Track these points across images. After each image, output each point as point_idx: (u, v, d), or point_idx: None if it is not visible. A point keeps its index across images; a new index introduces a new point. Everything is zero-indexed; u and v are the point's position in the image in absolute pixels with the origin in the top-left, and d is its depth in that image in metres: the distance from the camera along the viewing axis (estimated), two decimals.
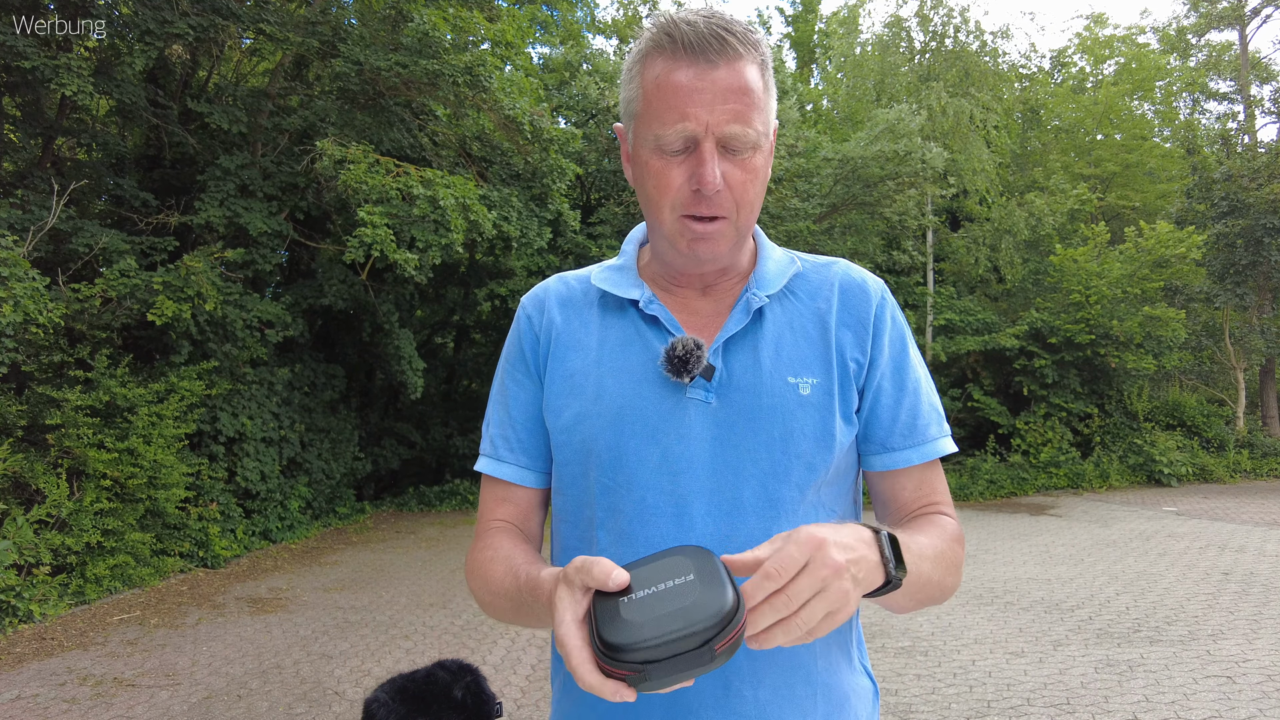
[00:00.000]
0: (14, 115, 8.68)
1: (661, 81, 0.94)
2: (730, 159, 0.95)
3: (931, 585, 0.93)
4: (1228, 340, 15.45)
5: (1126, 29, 22.51)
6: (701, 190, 0.94)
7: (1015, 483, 13.37)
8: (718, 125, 0.92)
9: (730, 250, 1.02)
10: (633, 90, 0.99)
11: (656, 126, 0.95)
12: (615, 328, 1.07)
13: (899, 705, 4.23)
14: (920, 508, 1.07)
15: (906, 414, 1.05)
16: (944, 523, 1.02)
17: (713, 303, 1.07)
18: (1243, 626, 5.35)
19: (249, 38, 10.04)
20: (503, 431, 1.11)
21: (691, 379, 0.98)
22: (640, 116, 0.98)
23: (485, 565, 1.04)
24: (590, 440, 1.02)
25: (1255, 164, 14.96)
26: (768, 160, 1.00)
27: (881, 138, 13.50)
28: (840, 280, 1.09)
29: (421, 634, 5.85)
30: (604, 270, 1.13)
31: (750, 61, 0.94)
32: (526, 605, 0.94)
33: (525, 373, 1.11)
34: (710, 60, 0.92)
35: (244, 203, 9.05)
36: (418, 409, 14.29)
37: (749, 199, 0.98)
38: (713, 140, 0.93)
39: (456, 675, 1.45)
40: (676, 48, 0.93)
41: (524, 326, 1.13)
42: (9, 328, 6.23)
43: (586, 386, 1.04)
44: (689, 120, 0.92)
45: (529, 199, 10.83)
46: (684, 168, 0.95)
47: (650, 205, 1.00)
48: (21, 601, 6.02)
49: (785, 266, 1.09)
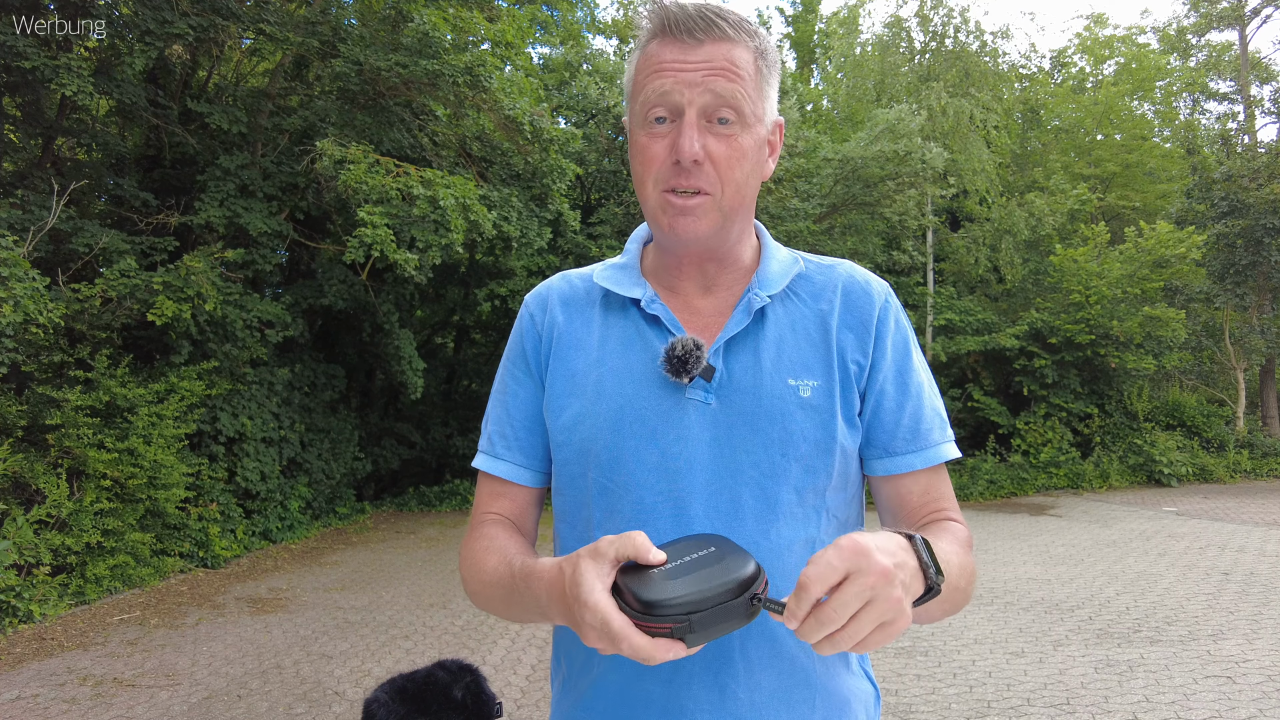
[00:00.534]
0: (14, 115, 8.67)
1: (650, 57, 0.96)
2: (715, 133, 0.95)
3: (959, 592, 0.91)
4: (1228, 340, 15.45)
5: (1126, 29, 22.54)
6: (680, 161, 0.94)
7: (1015, 483, 13.37)
8: (700, 95, 0.93)
9: (714, 232, 0.99)
10: (629, 74, 1.02)
11: (642, 100, 0.96)
12: (617, 327, 1.07)
13: (899, 705, 4.22)
14: (928, 513, 1.05)
15: (909, 418, 1.04)
16: (956, 529, 1.01)
17: (715, 302, 1.07)
18: (1243, 626, 5.34)
19: (249, 38, 10.03)
20: (501, 429, 1.11)
21: (691, 379, 0.98)
22: (632, 96, 1.00)
23: (479, 554, 1.03)
24: (589, 440, 1.01)
25: (1255, 164, 14.95)
26: (761, 147, 0.99)
27: (881, 138, 13.50)
28: (844, 281, 1.08)
29: (421, 634, 5.85)
30: (607, 269, 1.12)
31: (740, 45, 0.95)
32: (518, 594, 0.93)
33: (526, 371, 1.11)
34: (696, 38, 0.94)
35: (244, 203, 9.05)
36: (418, 409, 14.29)
37: (734, 177, 0.96)
38: (695, 111, 0.94)
39: (456, 675, 1.45)
40: (665, 27, 0.95)
41: (526, 325, 1.13)
42: (9, 328, 6.23)
43: (587, 386, 1.04)
44: (670, 91, 0.94)
45: (529, 199, 10.83)
46: (667, 140, 0.96)
47: (637, 183, 1.01)
48: (21, 601, 6.02)
49: (789, 266, 1.09)
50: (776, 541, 0.97)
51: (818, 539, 1.00)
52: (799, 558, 0.98)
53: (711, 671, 0.95)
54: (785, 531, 0.97)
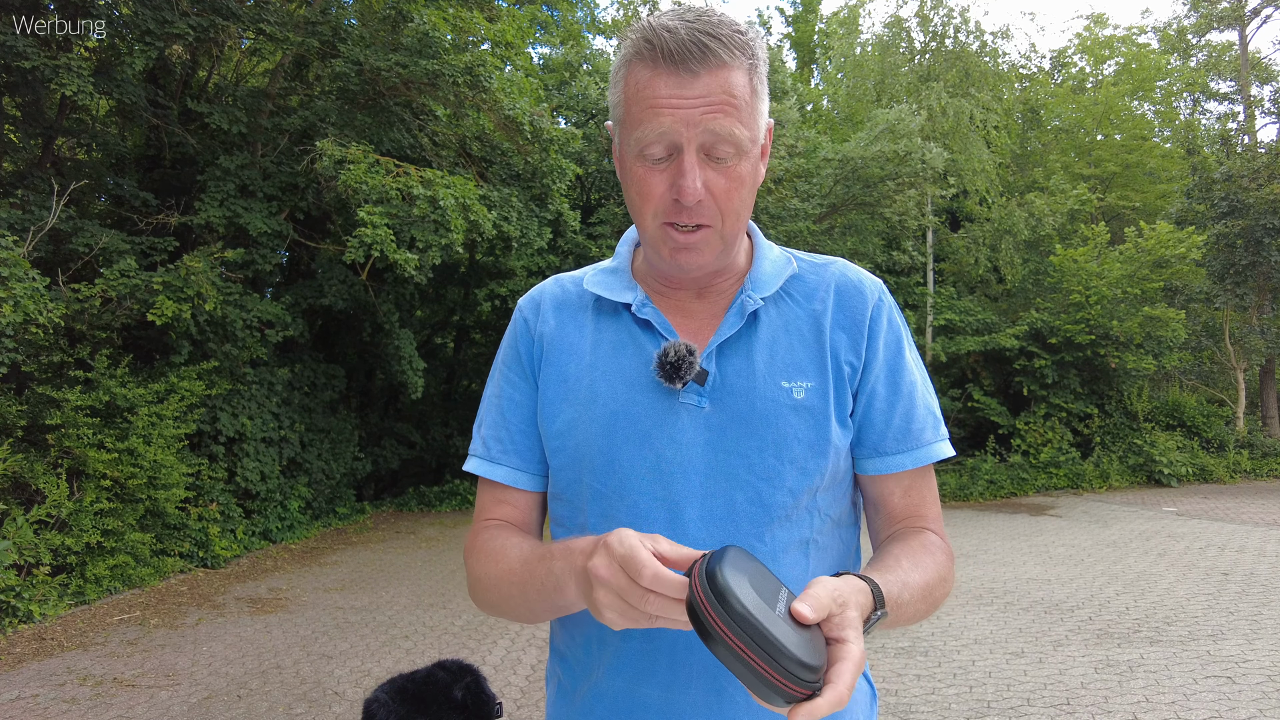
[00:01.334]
0: (14, 115, 8.67)
1: (643, 90, 0.92)
2: (714, 167, 0.93)
3: (913, 612, 0.92)
4: (1228, 340, 15.45)
5: (1126, 29, 22.53)
6: (682, 200, 0.92)
7: (1015, 483, 13.37)
8: (699, 135, 0.90)
9: (716, 258, 1.00)
10: (617, 95, 0.97)
11: (639, 133, 0.93)
12: (608, 331, 1.06)
13: (899, 706, 4.22)
14: (908, 518, 1.05)
15: (900, 417, 1.04)
16: (931, 546, 1.00)
17: (707, 305, 1.06)
18: (1243, 626, 5.34)
19: (249, 38, 10.04)
20: (496, 433, 1.10)
21: (684, 385, 0.97)
22: (624, 123, 0.96)
23: (492, 548, 1.02)
24: (583, 446, 1.01)
25: (1255, 164, 14.95)
26: (756, 165, 0.98)
27: (881, 138, 13.50)
28: (836, 281, 1.07)
29: (421, 634, 5.85)
30: (598, 273, 1.12)
31: (736, 68, 0.91)
32: (533, 574, 0.92)
33: (521, 375, 1.10)
34: (691, 70, 0.89)
35: (244, 203, 9.05)
36: (418, 409, 14.29)
37: (734, 207, 0.96)
38: (694, 149, 0.91)
39: (456, 675, 1.45)
40: (657, 56, 0.90)
41: (520, 329, 1.12)
42: (9, 328, 6.23)
43: (579, 391, 1.03)
44: (669, 131, 0.91)
45: (529, 199, 10.83)
46: (665, 176, 0.94)
47: (634, 211, 0.99)
48: (21, 601, 6.02)
49: (782, 267, 1.08)
50: (772, 545, 0.97)
51: (812, 539, 1.00)
52: (794, 559, 0.98)
53: (709, 675, 0.95)
54: (780, 534, 0.97)
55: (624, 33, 0.97)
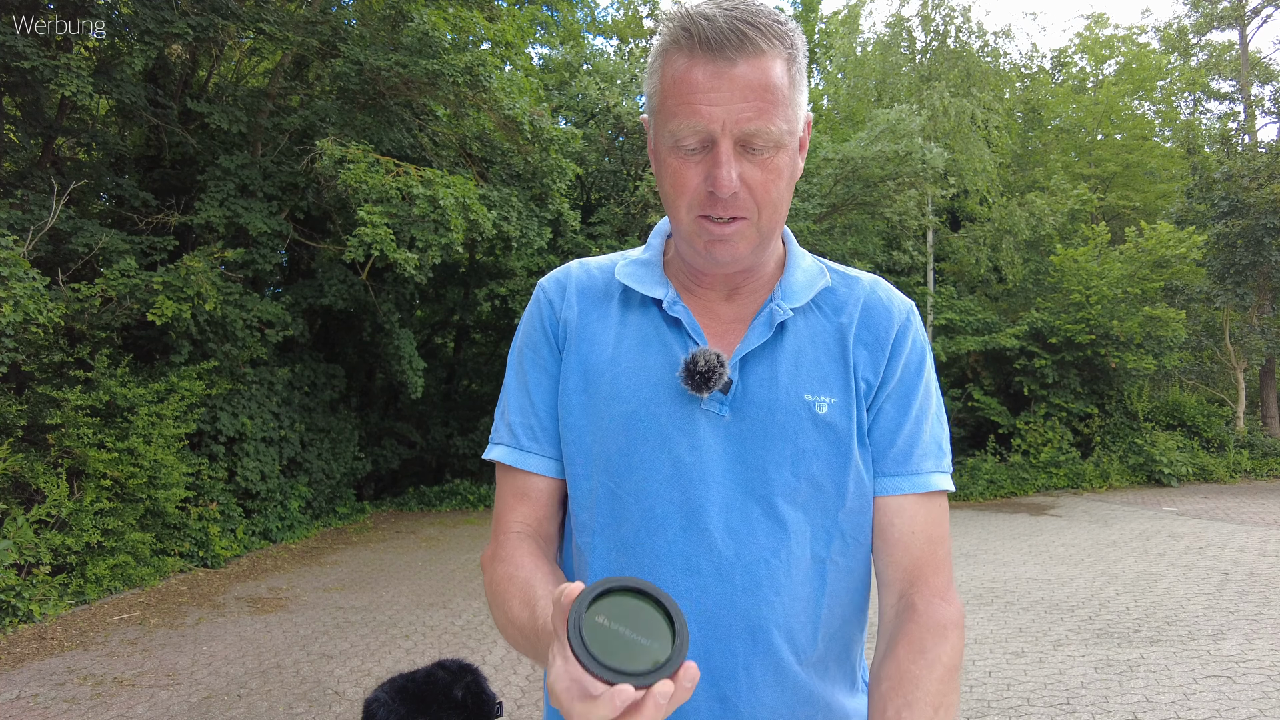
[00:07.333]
0: (14, 115, 8.67)
1: (679, 80, 0.90)
2: (750, 158, 0.90)
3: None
4: (1228, 340, 15.45)
5: (1127, 29, 22.55)
6: (716, 193, 0.90)
7: (1015, 483, 13.37)
8: (735, 125, 0.88)
9: (752, 251, 0.97)
10: (653, 85, 0.95)
11: (673, 125, 0.90)
12: (635, 325, 1.03)
13: None
14: (910, 567, 0.98)
15: (904, 440, 1.00)
16: (928, 648, 0.91)
17: (736, 309, 1.03)
18: (1243, 626, 5.34)
19: (249, 38, 10.04)
20: (525, 419, 1.04)
21: (709, 393, 0.95)
22: (659, 113, 0.93)
23: (504, 593, 0.96)
24: (600, 442, 0.98)
25: (1255, 164, 14.95)
26: (794, 157, 0.95)
27: (882, 138, 13.50)
28: (866, 297, 1.05)
29: (421, 634, 5.85)
30: (629, 264, 1.07)
31: (775, 56, 0.89)
32: (541, 646, 0.87)
33: (551, 354, 1.05)
34: (728, 58, 0.87)
35: (244, 203, 9.05)
36: (418, 409, 14.29)
37: (771, 199, 0.93)
38: (730, 140, 0.88)
39: (456, 675, 1.45)
40: (694, 44, 0.88)
41: (545, 310, 1.08)
42: (9, 328, 6.22)
43: (601, 385, 1.00)
44: (705, 120, 0.88)
45: (529, 199, 10.83)
46: (701, 167, 0.91)
47: (668, 203, 0.96)
48: (21, 601, 6.02)
49: (814, 278, 1.04)
50: (786, 559, 0.95)
51: (827, 558, 0.97)
52: (806, 575, 0.96)
53: (714, 684, 0.94)
54: (795, 549, 0.95)
55: (660, 21, 0.95)
